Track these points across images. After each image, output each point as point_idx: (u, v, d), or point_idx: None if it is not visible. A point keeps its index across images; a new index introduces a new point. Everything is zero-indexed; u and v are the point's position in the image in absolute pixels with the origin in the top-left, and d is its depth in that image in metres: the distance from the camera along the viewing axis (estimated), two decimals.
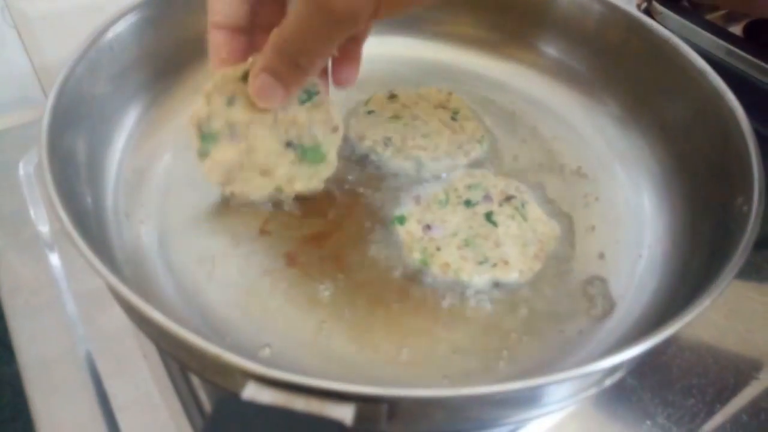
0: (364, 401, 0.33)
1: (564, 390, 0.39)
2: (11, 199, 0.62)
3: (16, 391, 0.50)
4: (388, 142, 0.58)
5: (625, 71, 0.62)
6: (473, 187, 0.54)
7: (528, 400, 0.38)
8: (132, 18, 0.55)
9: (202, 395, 0.48)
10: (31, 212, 0.61)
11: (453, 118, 0.61)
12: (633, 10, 0.61)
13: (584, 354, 0.46)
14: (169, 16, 0.58)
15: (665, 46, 0.57)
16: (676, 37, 0.57)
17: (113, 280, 0.37)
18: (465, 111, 0.62)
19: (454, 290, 0.49)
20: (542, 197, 0.56)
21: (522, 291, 0.49)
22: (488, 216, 0.52)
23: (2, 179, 0.63)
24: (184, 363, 0.43)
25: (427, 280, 0.49)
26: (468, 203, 0.53)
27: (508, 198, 0.54)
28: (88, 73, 0.51)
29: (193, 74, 0.61)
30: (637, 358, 0.36)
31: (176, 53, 0.60)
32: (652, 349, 0.36)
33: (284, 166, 0.52)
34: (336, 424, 0.32)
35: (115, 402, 0.48)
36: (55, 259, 0.57)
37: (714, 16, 0.81)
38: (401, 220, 0.52)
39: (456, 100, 0.62)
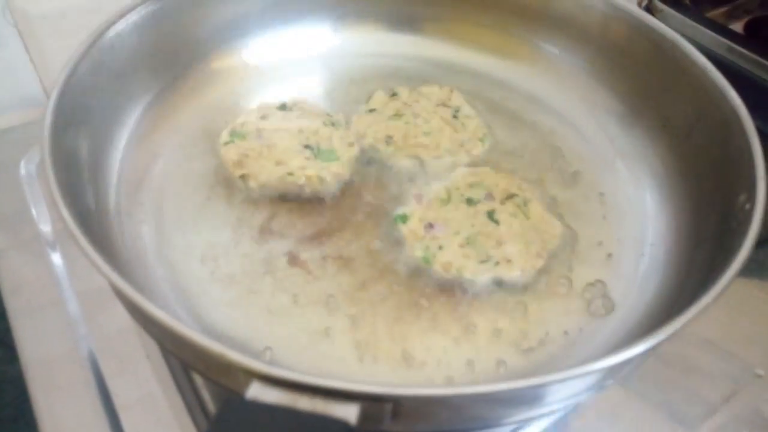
0: (369, 400, 0.33)
1: (567, 388, 0.39)
2: (12, 198, 0.62)
3: (19, 390, 0.50)
4: (389, 140, 0.58)
5: (627, 69, 0.62)
6: (475, 186, 0.54)
7: (531, 398, 0.38)
8: (133, 17, 0.55)
9: (206, 395, 0.48)
10: (33, 211, 0.61)
11: (454, 116, 0.60)
12: (634, 8, 0.61)
13: (587, 352, 0.46)
14: (170, 15, 0.58)
15: (667, 44, 0.57)
16: (678, 34, 0.57)
17: (118, 279, 0.37)
18: (466, 109, 0.61)
19: (456, 288, 0.49)
20: (544, 195, 0.56)
21: (524, 289, 0.49)
22: (490, 214, 0.52)
23: (3, 179, 0.63)
24: (187, 363, 0.43)
25: (429, 278, 0.49)
26: (470, 201, 0.53)
27: (510, 196, 0.54)
28: (90, 72, 0.51)
29: (194, 73, 0.61)
30: (640, 357, 0.36)
31: (177, 52, 0.60)
32: (654, 347, 0.36)
33: (299, 159, 0.55)
34: (340, 424, 0.32)
35: (118, 401, 0.48)
36: (57, 258, 0.57)
37: (715, 13, 0.81)
38: (403, 219, 0.52)
39: (457, 98, 0.62)
